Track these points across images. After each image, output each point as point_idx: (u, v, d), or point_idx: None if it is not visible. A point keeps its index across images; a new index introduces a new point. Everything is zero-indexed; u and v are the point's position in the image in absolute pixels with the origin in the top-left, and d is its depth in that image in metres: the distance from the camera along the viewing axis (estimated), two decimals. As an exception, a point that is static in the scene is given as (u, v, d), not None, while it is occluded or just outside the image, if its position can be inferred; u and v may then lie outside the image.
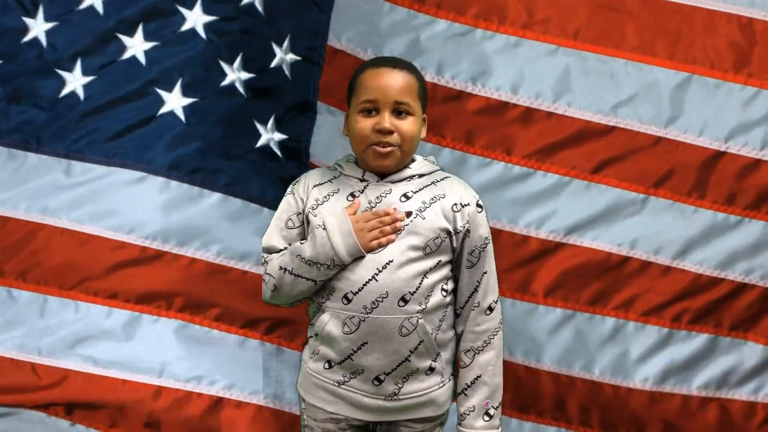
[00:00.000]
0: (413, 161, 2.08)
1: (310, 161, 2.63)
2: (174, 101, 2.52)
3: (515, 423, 2.65)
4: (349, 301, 1.97)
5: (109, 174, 2.53)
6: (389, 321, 1.97)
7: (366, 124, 1.99)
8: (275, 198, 2.55)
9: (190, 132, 2.55)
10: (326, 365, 2.03)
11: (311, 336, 2.10)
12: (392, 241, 1.97)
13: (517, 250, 2.59)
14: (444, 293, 2.02)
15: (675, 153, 2.57)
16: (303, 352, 2.13)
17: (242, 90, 2.56)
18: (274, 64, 2.58)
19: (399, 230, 1.97)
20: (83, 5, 2.47)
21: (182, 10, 2.51)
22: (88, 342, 2.51)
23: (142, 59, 2.50)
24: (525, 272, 2.61)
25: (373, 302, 1.96)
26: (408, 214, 1.98)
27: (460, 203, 2.02)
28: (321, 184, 2.06)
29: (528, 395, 2.63)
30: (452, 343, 2.08)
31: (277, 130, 2.59)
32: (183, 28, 2.52)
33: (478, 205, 2.05)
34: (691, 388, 2.63)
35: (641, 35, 2.54)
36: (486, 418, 2.05)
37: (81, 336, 2.51)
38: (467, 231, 2.02)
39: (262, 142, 2.58)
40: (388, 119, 1.98)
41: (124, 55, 2.50)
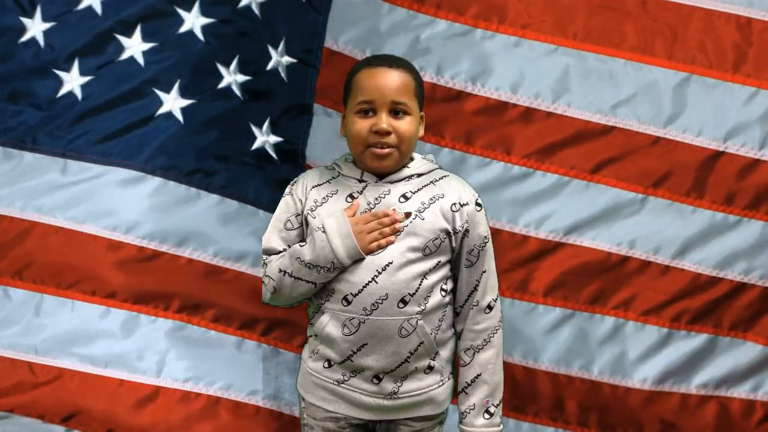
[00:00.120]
0: (412, 160, 2.07)
1: (306, 163, 2.63)
2: (172, 102, 2.52)
3: (513, 423, 2.65)
4: (349, 303, 1.97)
5: (107, 173, 2.52)
6: (389, 322, 1.96)
7: (363, 126, 1.98)
8: (270, 200, 2.57)
9: (188, 133, 2.54)
10: (326, 364, 2.03)
11: (311, 336, 2.09)
12: (392, 243, 1.96)
13: (517, 250, 2.59)
14: (443, 293, 2.02)
15: (674, 153, 2.57)
16: (302, 352, 2.12)
17: (238, 92, 2.55)
18: (270, 67, 2.58)
19: (398, 231, 1.97)
20: (81, 5, 2.45)
21: (180, 12, 2.50)
22: (85, 341, 2.50)
23: (141, 60, 2.49)
24: (524, 272, 2.61)
25: (373, 304, 1.96)
26: (407, 215, 1.98)
27: (459, 203, 2.01)
28: (319, 185, 2.06)
29: (526, 395, 2.63)
30: (451, 342, 2.08)
31: (273, 133, 2.59)
32: (181, 30, 2.51)
33: (477, 204, 2.04)
34: (690, 387, 2.64)
35: (640, 35, 2.54)
36: (486, 416, 2.06)
37: (78, 335, 2.49)
38: (466, 230, 2.01)
39: (258, 145, 2.58)
40: (386, 120, 1.97)
41: (123, 56, 2.49)
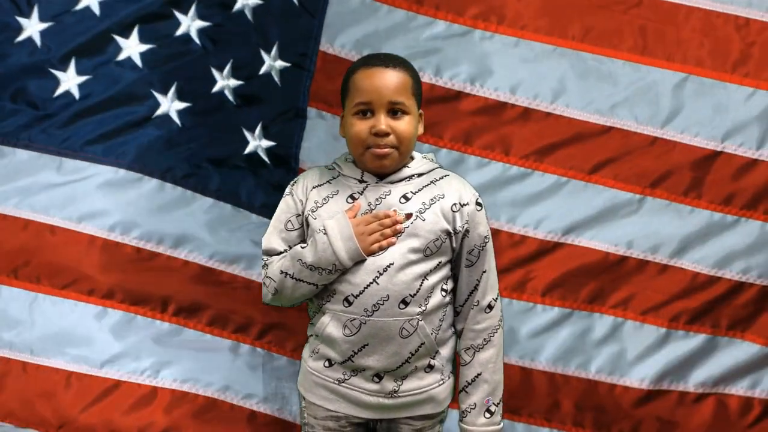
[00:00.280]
0: (412, 159, 2.07)
1: (299, 167, 2.61)
2: (169, 105, 2.51)
3: (507, 424, 2.64)
4: (350, 304, 1.98)
5: (103, 173, 2.50)
6: (390, 323, 1.97)
7: (362, 127, 1.98)
8: (263, 204, 2.58)
9: (184, 136, 2.53)
10: (326, 364, 2.04)
11: (311, 335, 2.10)
12: (393, 244, 1.97)
13: (515, 250, 2.59)
14: (444, 293, 2.02)
15: (672, 153, 2.57)
16: (303, 351, 2.13)
17: (231, 97, 2.55)
18: (263, 71, 2.57)
19: (399, 233, 1.97)
20: (79, 6, 2.44)
21: (177, 15, 2.50)
22: (83, 341, 2.49)
23: (138, 61, 2.48)
24: (523, 272, 2.61)
25: (374, 305, 1.96)
26: (408, 216, 1.98)
27: (460, 203, 2.01)
28: (320, 186, 2.06)
29: (521, 396, 2.63)
30: (452, 341, 2.09)
31: (265, 137, 2.59)
32: (177, 33, 2.50)
33: (478, 204, 2.04)
34: (688, 385, 2.65)
35: (639, 36, 2.54)
36: (487, 415, 2.07)
37: (75, 335, 2.48)
38: (467, 231, 2.02)
39: (250, 149, 2.58)
40: (384, 121, 1.97)
41: (120, 57, 2.48)
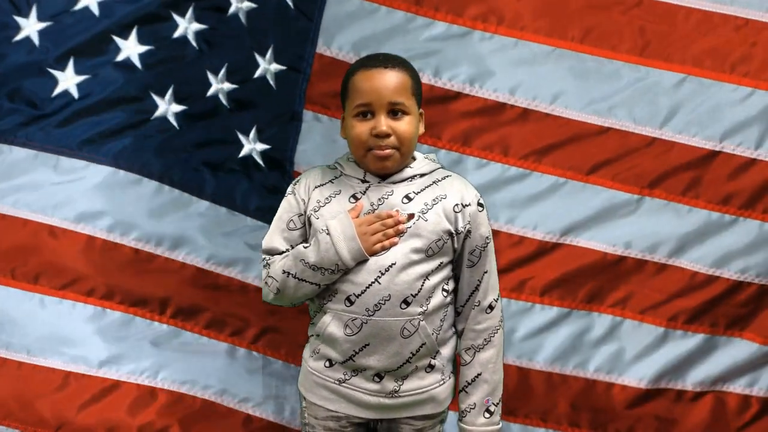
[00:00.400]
0: (414, 160, 2.07)
1: (294, 170, 2.61)
2: (167, 107, 2.51)
3: (503, 425, 2.64)
4: (352, 303, 1.98)
5: (103, 173, 2.49)
6: (391, 323, 1.97)
7: (363, 129, 1.98)
8: (258, 207, 2.59)
9: (181, 139, 2.54)
10: (327, 364, 2.04)
11: (312, 335, 2.10)
12: (395, 244, 1.97)
13: (514, 251, 2.60)
14: (445, 294, 2.02)
15: (670, 153, 2.58)
16: (303, 351, 2.12)
17: (224, 101, 2.55)
18: (258, 75, 2.57)
19: (402, 233, 1.97)
20: (78, 6, 2.43)
21: (175, 17, 2.50)
22: (81, 342, 2.48)
23: (137, 62, 2.48)
24: (521, 272, 2.61)
25: (376, 305, 1.96)
26: (410, 217, 1.98)
27: (462, 203, 2.02)
28: (322, 185, 2.06)
29: (519, 396, 2.63)
30: (452, 341, 2.09)
31: (260, 140, 2.59)
32: (175, 35, 2.50)
33: (479, 205, 2.05)
34: (686, 384, 2.66)
35: (637, 37, 2.55)
36: (487, 415, 2.07)
37: (74, 336, 2.48)
38: (468, 231, 2.02)
39: (245, 152, 2.58)
40: (384, 122, 1.96)
41: (119, 57, 2.47)
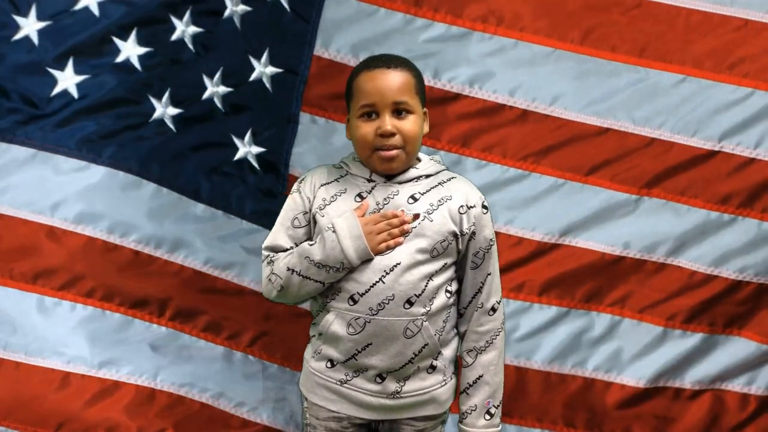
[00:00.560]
0: (419, 161, 2.08)
1: (289, 173, 2.61)
2: (164, 110, 2.51)
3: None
4: (355, 302, 1.98)
5: (102, 174, 2.49)
6: (394, 323, 1.97)
7: (368, 129, 1.99)
8: (253, 210, 2.59)
9: (178, 142, 2.54)
10: (328, 364, 2.03)
11: (314, 335, 2.09)
12: (400, 244, 1.97)
13: (513, 252, 2.61)
14: (448, 295, 2.03)
15: (669, 153, 2.59)
16: (305, 352, 2.12)
17: (220, 104, 2.56)
18: (253, 78, 2.58)
19: (407, 233, 1.98)
20: (78, 6, 2.43)
21: (173, 19, 2.50)
22: (81, 343, 2.47)
23: (137, 64, 2.48)
24: (520, 273, 2.62)
25: (379, 304, 1.96)
26: (416, 217, 1.99)
27: (467, 205, 2.02)
28: (328, 184, 2.06)
29: (515, 396, 2.63)
30: (454, 342, 2.09)
31: (255, 143, 2.60)
32: (173, 38, 2.50)
33: (484, 207, 2.06)
34: (684, 382, 2.67)
35: (636, 38, 2.56)
36: (487, 417, 2.07)
37: (73, 336, 2.47)
38: (473, 233, 2.03)
39: (240, 156, 2.59)
40: (389, 121, 1.97)
41: (119, 58, 2.47)
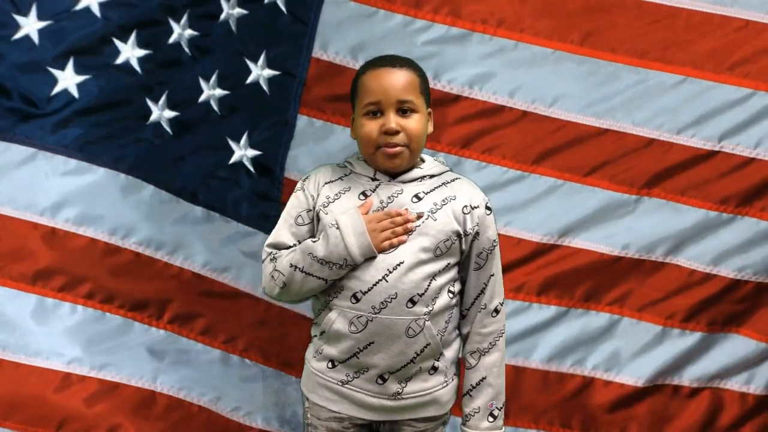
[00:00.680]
0: (423, 161, 2.09)
1: (285, 176, 2.61)
2: (160, 112, 2.51)
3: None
4: (358, 301, 1.98)
5: (103, 176, 2.49)
6: (397, 322, 1.97)
7: (372, 127, 2.00)
8: (248, 214, 2.59)
9: (174, 145, 2.54)
10: (329, 365, 2.04)
11: (315, 335, 2.09)
12: (403, 242, 1.98)
13: (512, 253, 2.60)
14: (451, 295, 2.03)
15: (668, 154, 2.60)
16: (306, 352, 2.12)
17: (216, 107, 2.56)
18: (250, 80, 2.58)
19: (410, 231, 1.98)
20: (79, 6, 2.42)
21: (171, 22, 2.50)
22: (81, 344, 2.46)
23: (136, 66, 2.48)
24: (520, 273, 2.62)
25: (382, 302, 1.97)
26: (419, 216, 1.99)
27: (470, 205, 2.03)
28: (332, 182, 2.06)
29: (513, 397, 2.62)
30: (456, 343, 2.09)
31: (251, 146, 2.60)
32: (170, 40, 2.50)
33: (487, 208, 2.07)
34: (682, 379, 2.68)
35: (636, 39, 2.56)
36: (491, 419, 2.08)
37: (73, 338, 2.45)
38: (476, 233, 2.04)
39: (235, 159, 2.59)
40: (394, 119, 1.99)
41: (119, 60, 2.46)
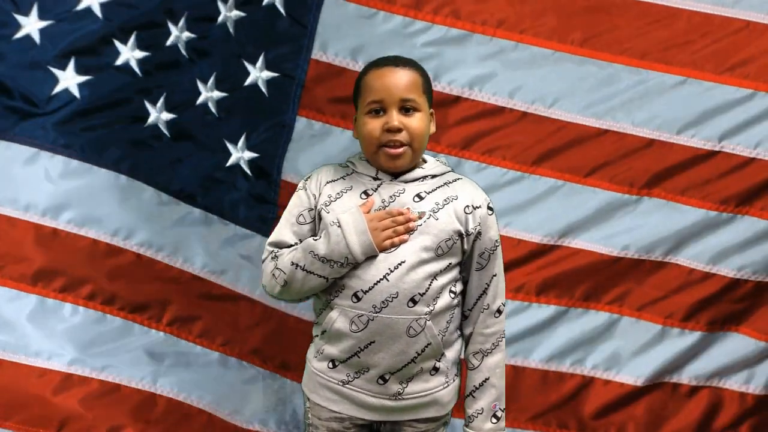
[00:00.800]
0: (425, 161, 2.09)
1: (282, 178, 2.62)
2: (158, 115, 2.51)
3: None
4: (359, 300, 1.98)
5: (102, 176, 2.49)
6: (397, 321, 1.97)
7: (375, 125, 2.01)
8: (246, 216, 2.60)
9: (173, 147, 2.54)
10: (330, 365, 2.04)
11: (317, 335, 2.09)
12: (405, 242, 1.98)
13: (512, 254, 2.60)
14: (452, 295, 2.03)
15: (668, 154, 2.60)
16: (308, 352, 2.12)
17: (214, 109, 2.56)
18: (248, 83, 2.58)
19: (412, 230, 1.98)
20: (81, 6, 2.42)
21: (169, 24, 2.50)
22: (82, 345, 2.45)
23: (136, 68, 2.48)
24: (519, 274, 2.62)
25: (383, 302, 1.97)
26: (421, 215, 1.99)
27: (472, 205, 2.04)
28: (334, 181, 2.07)
29: (512, 397, 2.61)
30: (457, 344, 2.09)
31: (248, 149, 2.60)
32: (167, 43, 2.50)
33: (489, 208, 2.07)
34: (681, 377, 2.68)
35: (637, 40, 2.57)
36: (494, 421, 2.08)
37: (74, 339, 2.45)
38: (478, 233, 2.04)
39: (233, 161, 2.59)
40: (396, 117, 1.99)
41: (118, 61, 2.46)
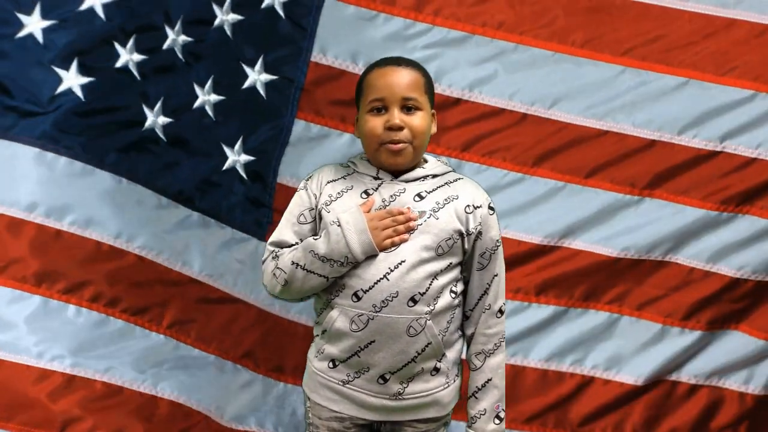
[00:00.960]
0: (426, 161, 2.10)
1: (278, 181, 2.63)
2: (155, 119, 2.52)
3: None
4: (359, 299, 1.98)
5: (103, 178, 2.49)
6: (398, 321, 1.97)
7: (376, 123, 2.01)
8: (242, 220, 2.61)
9: (171, 150, 2.55)
10: (331, 364, 2.04)
11: (317, 335, 2.09)
12: (405, 241, 1.98)
13: (512, 254, 2.59)
14: (453, 295, 2.03)
15: (669, 155, 2.61)
16: (308, 351, 2.12)
17: (211, 113, 2.57)
18: (247, 85, 2.59)
19: (412, 230, 1.99)
20: (84, 6, 2.43)
21: (166, 28, 2.51)
22: (84, 346, 2.46)
23: (135, 71, 2.48)
24: (519, 274, 2.63)
25: (383, 301, 1.97)
26: (421, 214, 2.00)
27: (473, 205, 2.04)
28: (334, 181, 2.07)
29: (509, 396, 2.61)
30: (458, 344, 2.09)
31: (245, 152, 2.61)
32: (165, 46, 2.51)
33: (490, 208, 2.07)
34: (680, 376, 2.68)
35: (638, 41, 2.58)
36: (497, 422, 2.07)
37: (76, 340, 2.45)
38: (479, 233, 2.04)
39: (229, 165, 2.60)
40: (398, 115, 2.00)
41: (118, 63, 2.47)
